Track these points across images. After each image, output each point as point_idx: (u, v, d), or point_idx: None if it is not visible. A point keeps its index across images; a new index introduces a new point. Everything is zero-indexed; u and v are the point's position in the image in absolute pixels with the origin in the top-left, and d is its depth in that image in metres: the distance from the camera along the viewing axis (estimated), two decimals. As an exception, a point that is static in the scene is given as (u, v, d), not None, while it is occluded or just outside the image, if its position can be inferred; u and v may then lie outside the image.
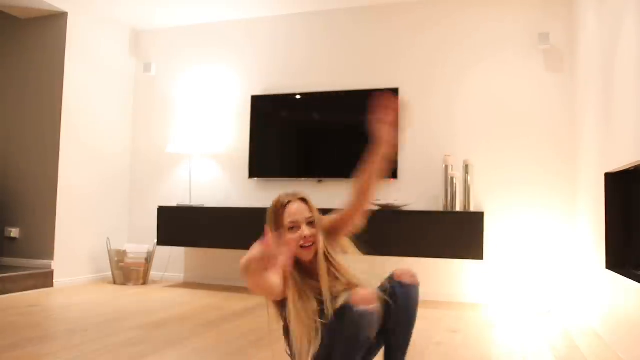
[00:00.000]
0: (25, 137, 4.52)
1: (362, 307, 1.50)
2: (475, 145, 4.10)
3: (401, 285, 1.68)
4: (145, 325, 2.98)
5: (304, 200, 1.73)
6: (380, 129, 1.67)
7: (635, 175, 2.64)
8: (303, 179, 4.46)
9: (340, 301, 1.59)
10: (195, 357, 2.42)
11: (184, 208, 4.44)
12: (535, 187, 3.93)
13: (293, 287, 1.62)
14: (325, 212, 1.80)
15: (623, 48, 2.48)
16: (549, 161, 3.93)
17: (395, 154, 4.17)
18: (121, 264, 4.52)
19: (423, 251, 3.73)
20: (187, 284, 4.65)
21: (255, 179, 4.63)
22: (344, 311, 1.53)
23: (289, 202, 1.70)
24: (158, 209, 4.48)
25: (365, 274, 1.74)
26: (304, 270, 1.69)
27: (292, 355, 1.68)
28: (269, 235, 1.33)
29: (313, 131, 4.53)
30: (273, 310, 1.70)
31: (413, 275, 1.70)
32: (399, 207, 3.90)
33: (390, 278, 1.71)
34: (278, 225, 1.68)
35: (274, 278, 1.50)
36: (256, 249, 1.35)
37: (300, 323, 1.59)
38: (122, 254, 4.54)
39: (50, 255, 4.31)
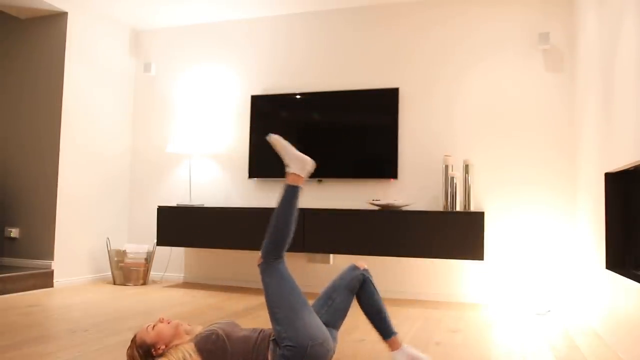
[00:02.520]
0: (25, 137, 4.52)
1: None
2: (475, 145, 4.10)
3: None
4: (145, 325, 2.98)
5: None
6: None
7: (635, 175, 2.64)
8: (303, 179, 4.45)
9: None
10: (196, 357, 2.41)
11: (183, 208, 4.44)
12: (535, 187, 3.93)
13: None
14: (324, 211, 1.80)
15: (623, 48, 2.48)
16: (549, 161, 3.93)
17: (395, 154, 4.19)
18: (121, 264, 4.52)
19: (423, 251, 3.73)
20: (187, 284, 4.65)
21: (255, 179, 4.63)
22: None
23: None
24: (158, 209, 4.48)
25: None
26: None
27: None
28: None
29: (313, 131, 4.52)
30: None
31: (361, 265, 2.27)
32: (399, 207, 3.90)
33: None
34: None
35: None
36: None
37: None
38: (122, 254, 4.54)
39: (50, 255, 4.31)
